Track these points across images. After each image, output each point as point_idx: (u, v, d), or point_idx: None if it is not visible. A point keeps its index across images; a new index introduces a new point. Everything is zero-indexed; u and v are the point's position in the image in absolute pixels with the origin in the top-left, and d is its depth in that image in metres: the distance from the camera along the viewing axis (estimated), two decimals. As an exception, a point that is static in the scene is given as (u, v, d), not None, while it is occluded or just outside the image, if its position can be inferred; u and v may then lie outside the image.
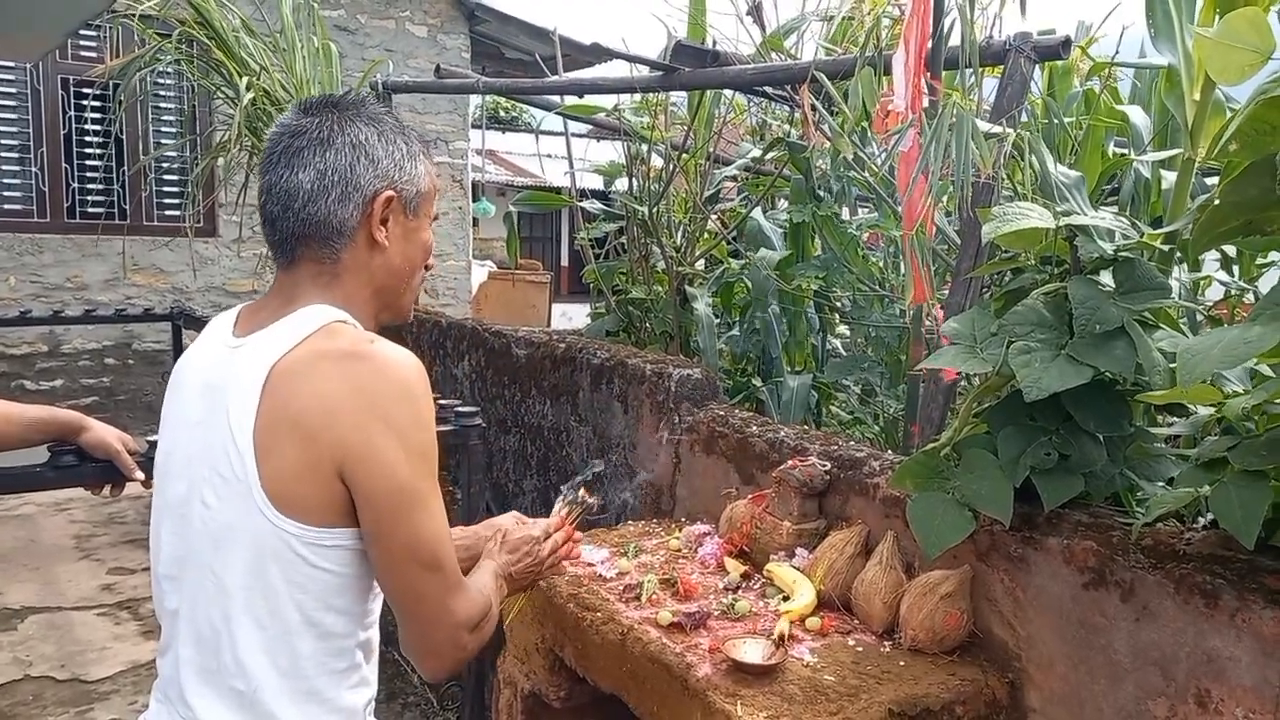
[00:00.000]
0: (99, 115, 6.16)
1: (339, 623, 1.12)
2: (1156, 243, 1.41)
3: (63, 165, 6.25)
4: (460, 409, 2.26)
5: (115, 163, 6.27)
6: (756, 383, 3.23)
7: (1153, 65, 2.60)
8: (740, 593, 1.67)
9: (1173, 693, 1.21)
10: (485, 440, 2.85)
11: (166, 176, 6.66)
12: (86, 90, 5.97)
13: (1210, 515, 1.29)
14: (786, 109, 3.46)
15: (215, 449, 1.09)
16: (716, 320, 3.49)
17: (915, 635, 1.45)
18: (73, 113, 6.24)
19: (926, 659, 1.44)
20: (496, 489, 3.03)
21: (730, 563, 1.78)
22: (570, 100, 3.96)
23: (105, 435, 1.66)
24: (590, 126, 4.36)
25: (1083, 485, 1.37)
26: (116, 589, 4.10)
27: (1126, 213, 2.33)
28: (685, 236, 3.63)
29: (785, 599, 1.61)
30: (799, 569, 1.67)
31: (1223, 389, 1.32)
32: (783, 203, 4.01)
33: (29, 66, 5.99)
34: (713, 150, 3.60)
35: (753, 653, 1.38)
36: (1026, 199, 1.62)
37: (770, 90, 3.20)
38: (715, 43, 3.18)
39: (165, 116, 6.65)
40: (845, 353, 3.50)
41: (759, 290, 3.21)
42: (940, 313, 2.00)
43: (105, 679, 3.29)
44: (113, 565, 4.38)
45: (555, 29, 4.91)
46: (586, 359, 2.55)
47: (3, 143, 6.10)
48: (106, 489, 1.70)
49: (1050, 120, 2.48)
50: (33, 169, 6.17)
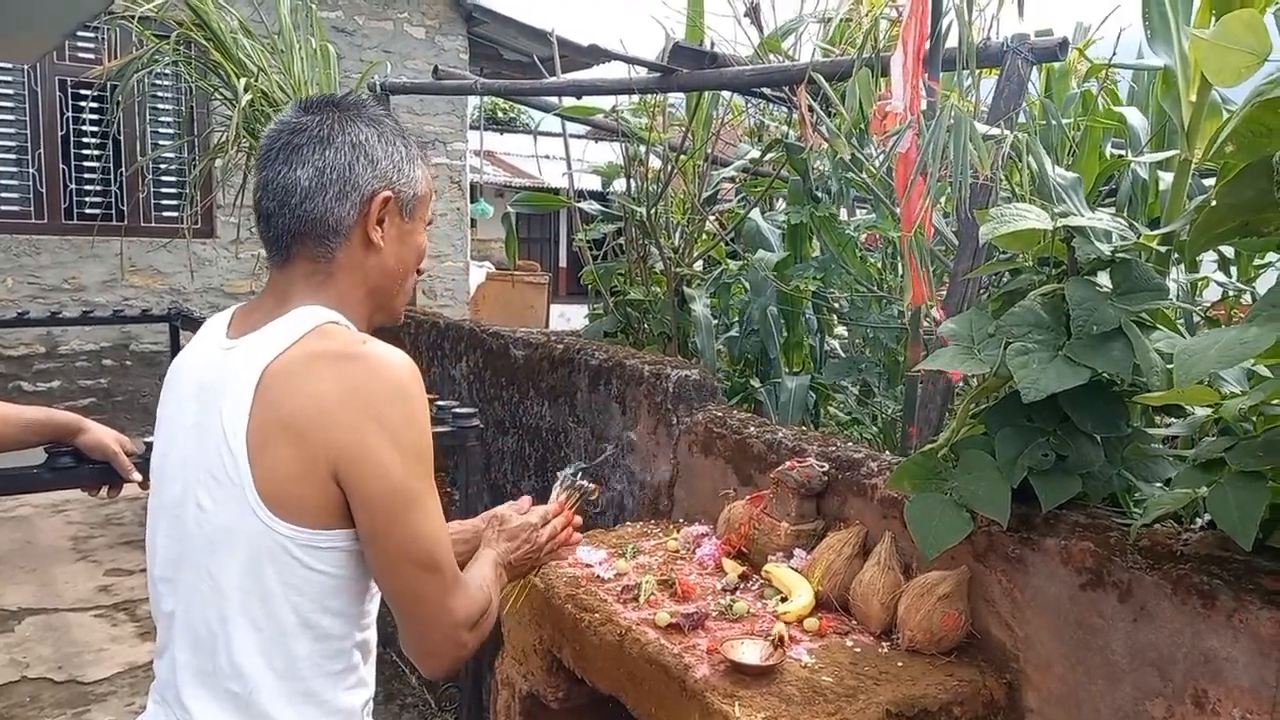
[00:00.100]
0: (97, 116, 6.15)
1: (335, 624, 1.12)
2: (1154, 244, 1.42)
3: (60, 166, 6.25)
4: (458, 410, 2.26)
5: (113, 164, 6.26)
6: (754, 384, 3.23)
7: (1150, 67, 2.60)
8: (738, 594, 1.67)
9: (1170, 693, 1.21)
10: (483, 441, 2.86)
11: (164, 178, 6.65)
12: (84, 91, 5.96)
13: (1207, 516, 1.29)
14: (784, 110, 3.46)
15: (209, 451, 1.08)
16: (715, 321, 3.49)
17: (913, 636, 1.45)
18: (70, 114, 6.23)
19: (924, 660, 1.44)
20: (494, 490, 3.03)
21: (728, 564, 1.78)
22: (568, 101, 3.96)
23: (102, 437, 1.66)
24: (588, 128, 4.36)
25: (1080, 486, 1.37)
26: (113, 590, 4.10)
27: (1124, 214, 2.33)
28: (683, 237, 3.63)
29: (783, 600, 1.61)
30: (797, 570, 1.67)
31: (1220, 390, 1.32)
32: (781, 204, 4.02)
33: (27, 68, 5.98)
34: (711, 151, 3.60)
35: (750, 653, 1.38)
36: (1027, 200, 1.62)
37: (768, 91, 3.21)
38: (713, 44, 3.18)
39: (163, 118, 6.64)
40: (843, 354, 3.50)
41: (757, 291, 3.21)
42: (941, 311, 2.00)
43: (102, 680, 3.29)
44: (110, 567, 4.38)
45: (553, 30, 4.91)
46: (585, 360, 2.55)
47: (0, 144, 6.10)
48: (104, 490, 1.70)
49: (1048, 121, 2.48)
50: (30, 170, 6.17)
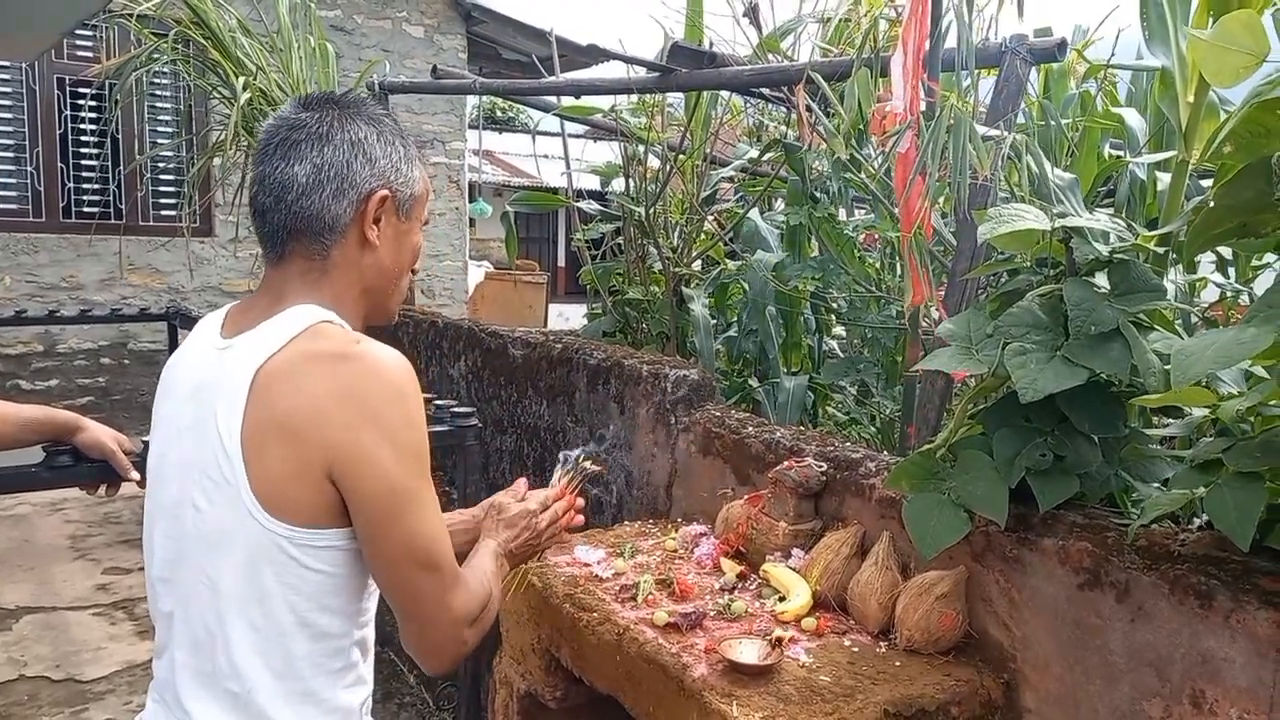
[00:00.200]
0: (95, 115, 6.15)
1: (334, 623, 1.12)
2: (1151, 244, 1.42)
3: (58, 165, 6.24)
4: (456, 409, 2.26)
5: (111, 162, 6.25)
6: (753, 383, 3.24)
7: (1148, 67, 2.60)
8: (736, 593, 1.67)
9: (1168, 693, 1.21)
10: (481, 441, 2.85)
11: (163, 176, 6.65)
12: (83, 90, 5.95)
13: (1205, 517, 1.29)
14: (783, 110, 3.46)
15: (205, 452, 1.08)
16: (713, 321, 3.49)
17: (911, 636, 1.45)
18: (69, 112, 6.23)
19: (922, 659, 1.44)
20: (493, 489, 3.01)
21: (726, 563, 1.78)
22: (567, 101, 3.96)
23: (100, 435, 1.66)
24: (587, 127, 4.35)
25: (1078, 486, 1.37)
26: (112, 589, 4.10)
27: (1122, 215, 2.33)
28: (682, 237, 3.63)
29: (781, 599, 1.61)
30: (795, 569, 1.67)
31: (1218, 391, 1.32)
32: (779, 204, 4.02)
33: (25, 66, 5.98)
34: (709, 151, 3.60)
35: (748, 653, 1.38)
36: (1025, 201, 1.62)
37: (767, 91, 3.21)
38: (712, 44, 3.18)
39: (161, 116, 6.64)
40: (841, 354, 3.50)
41: (756, 291, 3.21)
42: (943, 310, 2.00)
43: (100, 679, 3.29)
44: (108, 565, 4.37)
45: (552, 30, 4.92)
46: (583, 359, 2.55)
47: (-1, 142, 6.10)
48: (102, 489, 1.70)
49: (1046, 122, 2.48)
50: (28, 168, 6.16)
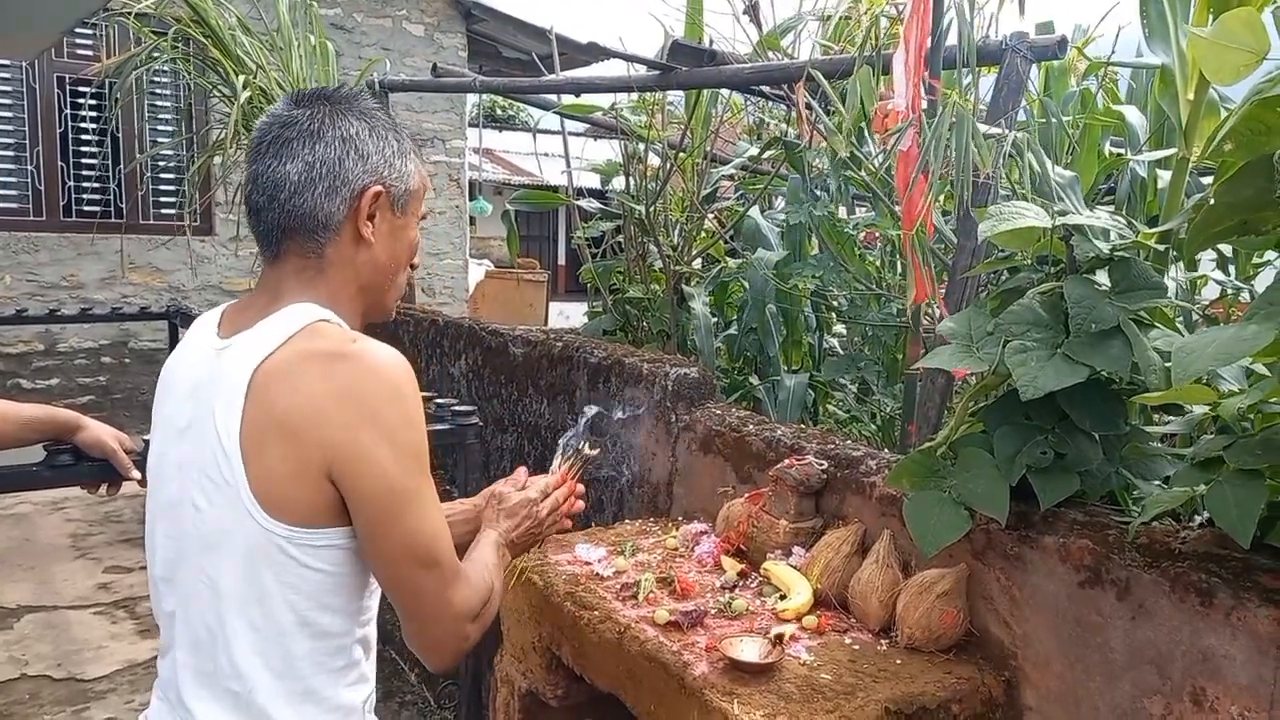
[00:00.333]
0: (95, 114, 6.15)
1: (335, 621, 1.12)
2: (1152, 242, 1.42)
3: (59, 164, 6.24)
4: (457, 408, 2.26)
5: (111, 161, 6.25)
6: (753, 381, 3.24)
7: (1148, 65, 2.60)
8: (737, 591, 1.67)
9: (1168, 691, 1.22)
10: (482, 439, 2.85)
11: (163, 175, 6.65)
12: (83, 88, 5.96)
13: (1206, 514, 1.29)
14: (784, 108, 3.46)
15: (204, 453, 1.08)
16: (714, 319, 3.49)
17: (912, 634, 1.45)
18: (69, 111, 6.23)
19: (923, 657, 1.44)
20: (493, 488, 3.02)
21: (727, 561, 1.78)
22: (567, 99, 3.96)
23: (101, 434, 1.66)
24: (587, 125, 4.35)
25: (1079, 484, 1.37)
26: (113, 588, 4.10)
27: (1122, 212, 2.33)
28: (682, 235, 3.63)
29: (782, 597, 1.61)
30: (796, 567, 1.68)
31: (1218, 388, 1.32)
32: (780, 202, 4.02)
33: (25, 64, 5.97)
34: (710, 149, 3.60)
35: (749, 651, 1.38)
36: (1026, 199, 1.62)
37: (767, 89, 3.21)
38: (712, 42, 3.18)
39: (161, 115, 6.63)
40: (842, 351, 3.50)
41: (756, 289, 3.21)
42: (944, 307, 1.99)
43: (102, 678, 3.29)
44: (109, 564, 4.38)
45: (552, 28, 4.91)
46: (584, 358, 2.55)
47: (-1, 141, 6.11)
48: (103, 488, 1.70)
49: (1047, 120, 2.48)
50: (29, 167, 6.16)
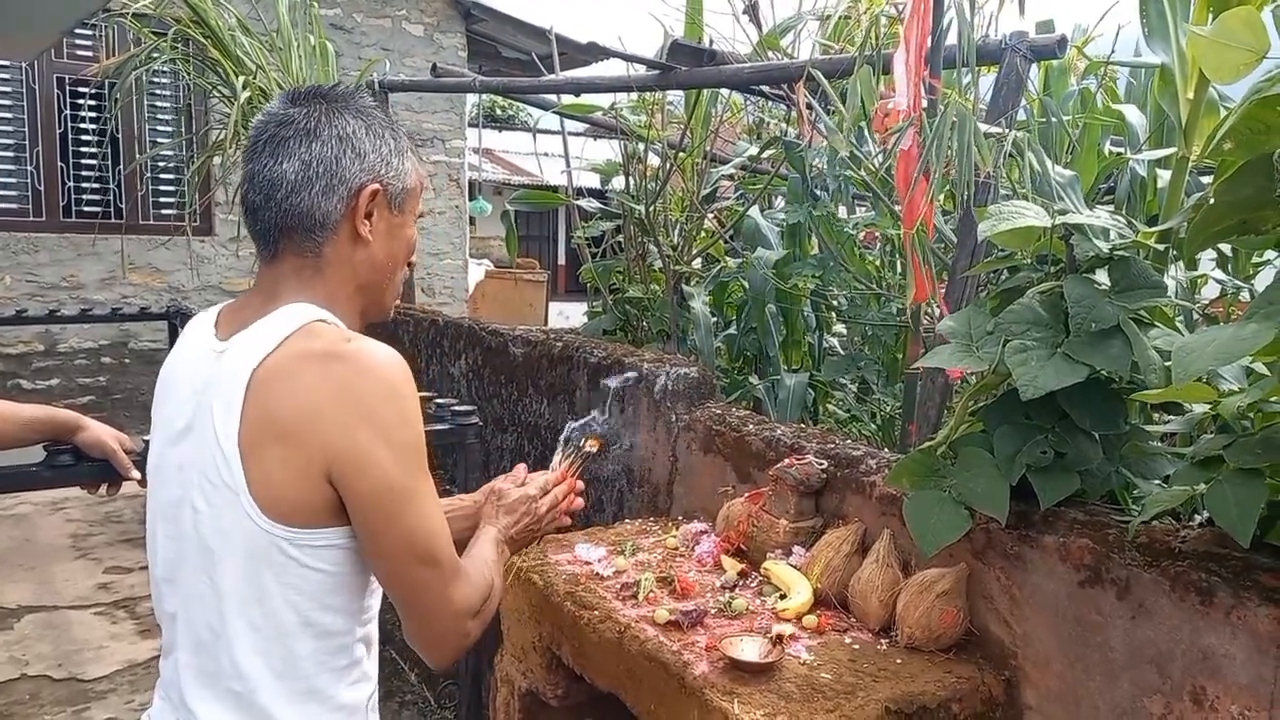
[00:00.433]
0: (95, 114, 6.15)
1: (337, 621, 1.12)
2: (1152, 241, 1.42)
3: (58, 164, 6.24)
4: (457, 408, 2.26)
5: (111, 162, 6.25)
6: (753, 381, 3.23)
7: (1148, 64, 2.60)
8: (737, 591, 1.67)
9: (1168, 690, 1.22)
10: (482, 439, 2.85)
11: (163, 176, 6.65)
12: (82, 89, 5.95)
13: (1206, 513, 1.29)
14: (783, 108, 3.46)
15: (203, 455, 1.08)
16: (713, 319, 3.49)
17: (912, 633, 1.45)
18: (68, 111, 6.23)
19: (923, 657, 1.44)
20: (494, 488, 3.02)
21: (727, 561, 1.78)
22: (567, 99, 3.96)
23: (101, 434, 1.66)
24: (587, 125, 4.35)
25: (1079, 483, 1.37)
26: (113, 588, 4.10)
27: (1122, 211, 2.33)
28: (682, 235, 3.63)
29: (782, 597, 1.61)
30: (796, 567, 1.68)
31: (1218, 387, 1.32)
32: (780, 201, 4.02)
33: (24, 65, 5.98)
34: (709, 149, 3.60)
35: (749, 650, 1.38)
36: (1026, 198, 1.62)
37: (767, 89, 3.21)
38: (712, 41, 3.18)
39: (161, 115, 6.64)
40: (842, 351, 3.50)
41: (756, 289, 3.21)
42: (944, 307, 1.99)
43: (102, 678, 3.29)
44: (109, 564, 4.38)
45: (552, 28, 4.92)
46: (584, 358, 2.55)
47: (-1, 141, 6.11)
48: (103, 488, 1.70)
49: (1047, 119, 2.48)
50: (28, 168, 6.16)
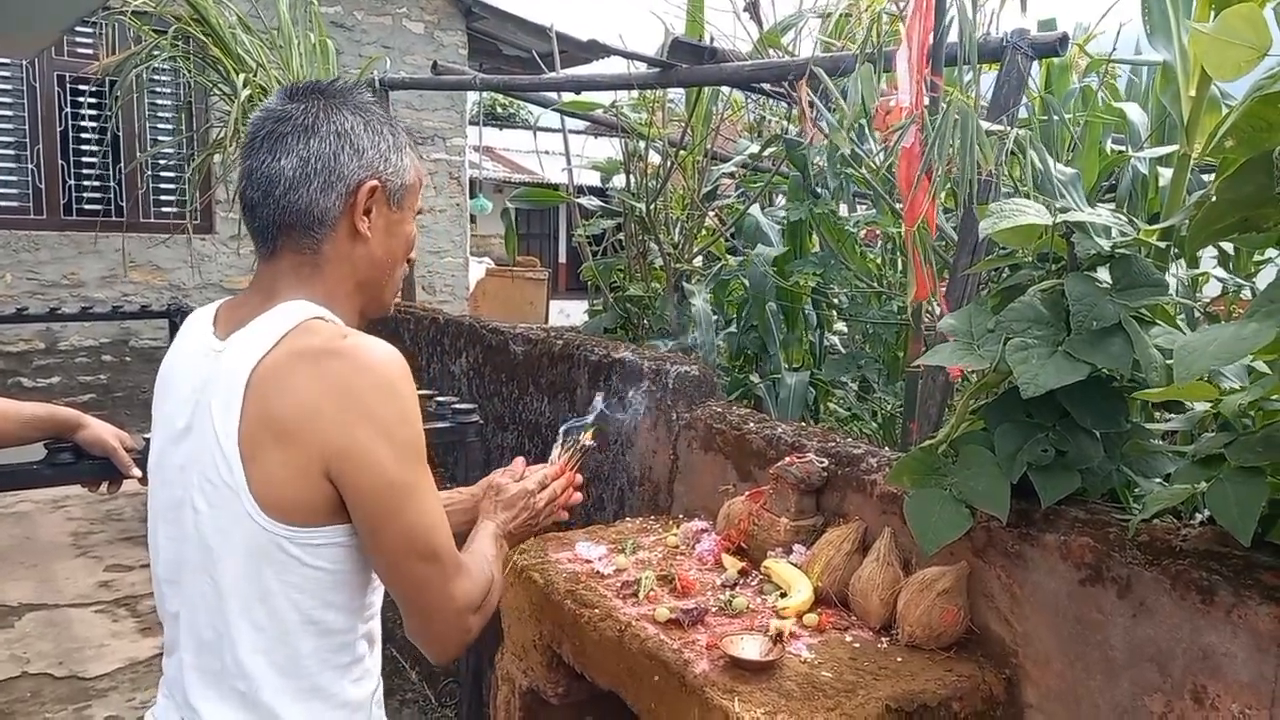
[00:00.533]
0: (95, 112, 6.15)
1: (339, 619, 1.12)
2: (1153, 239, 1.42)
3: (59, 162, 6.24)
4: (458, 406, 2.26)
5: (112, 160, 6.25)
6: (754, 379, 3.23)
7: (1149, 62, 2.60)
8: (738, 589, 1.67)
9: (1169, 688, 1.22)
10: (483, 437, 2.85)
11: (163, 174, 6.65)
12: (83, 87, 5.96)
13: (1207, 512, 1.29)
14: (784, 105, 3.45)
15: (204, 455, 1.08)
16: (714, 317, 3.49)
17: (912, 631, 1.45)
18: (69, 109, 6.23)
19: (924, 655, 1.44)
20: (494, 486, 3.02)
21: (728, 559, 1.78)
22: (568, 97, 3.96)
23: (102, 432, 1.67)
24: (588, 123, 4.35)
25: (1079, 482, 1.36)
26: (114, 586, 4.10)
27: (1124, 209, 2.33)
28: (683, 233, 3.63)
29: (783, 595, 1.61)
30: (796, 565, 1.68)
31: (1219, 386, 1.32)
32: (780, 199, 4.01)
33: (25, 63, 5.98)
34: (710, 147, 3.60)
35: (750, 649, 1.38)
36: (1027, 196, 1.62)
37: (768, 87, 3.20)
38: (713, 39, 3.18)
39: (162, 113, 6.63)
40: (843, 349, 3.50)
41: (757, 287, 3.21)
42: (945, 305, 1.99)
43: (103, 676, 3.30)
44: (110, 562, 4.38)
45: (552, 26, 4.91)
46: (584, 356, 2.55)
47: (-1, 139, 6.11)
48: (104, 486, 1.71)
49: (1048, 117, 2.48)
50: (29, 166, 6.16)
